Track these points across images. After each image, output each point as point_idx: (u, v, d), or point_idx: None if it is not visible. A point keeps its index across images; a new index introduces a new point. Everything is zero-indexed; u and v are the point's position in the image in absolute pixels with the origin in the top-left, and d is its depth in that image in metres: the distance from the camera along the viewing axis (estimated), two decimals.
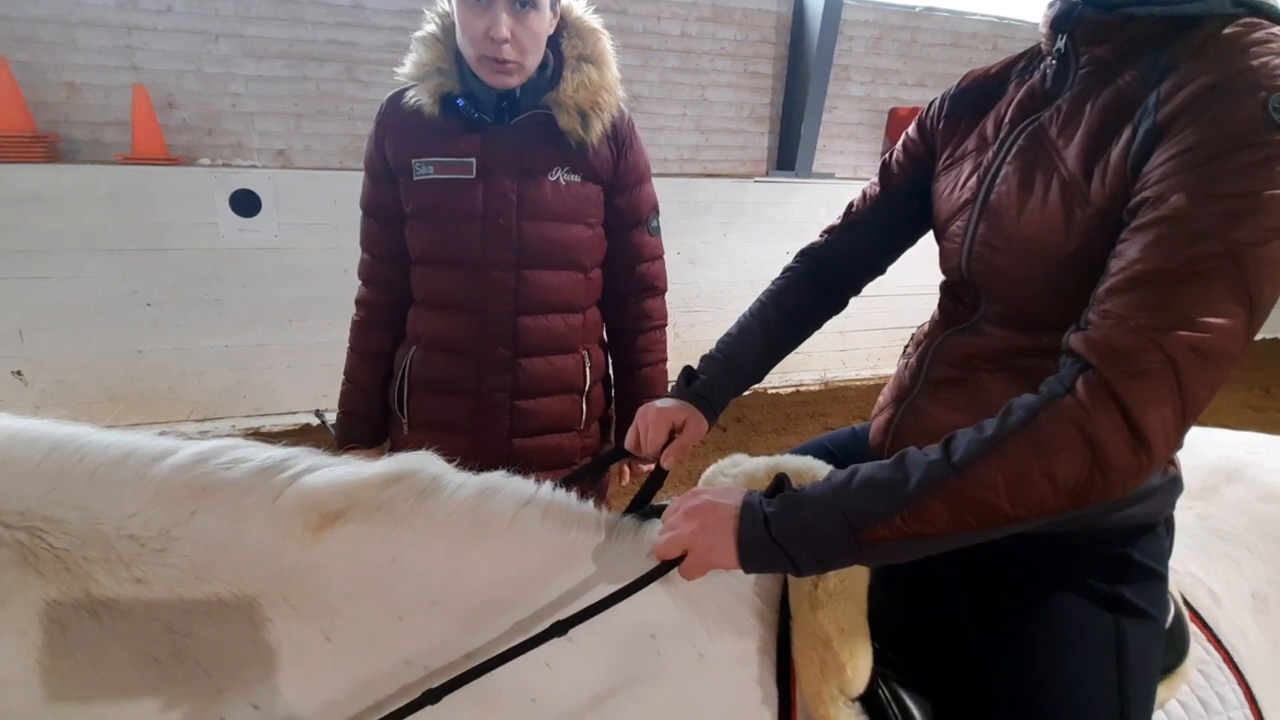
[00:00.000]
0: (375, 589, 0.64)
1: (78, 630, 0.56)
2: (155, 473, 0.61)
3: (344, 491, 0.65)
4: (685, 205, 4.25)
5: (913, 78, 5.47)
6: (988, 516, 0.61)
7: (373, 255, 1.39)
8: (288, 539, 0.62)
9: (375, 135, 1.30)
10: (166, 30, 3.65)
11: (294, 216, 3.53)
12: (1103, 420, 0.58)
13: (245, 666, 0.60)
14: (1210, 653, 0.91)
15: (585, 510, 0.77)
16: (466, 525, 0.69)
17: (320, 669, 0.62)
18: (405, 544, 0.66)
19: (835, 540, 0.64)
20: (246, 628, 0.60)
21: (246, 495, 0.63)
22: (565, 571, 0.72)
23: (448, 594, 0.66)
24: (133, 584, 0.58)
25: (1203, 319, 0.58)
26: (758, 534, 0.67)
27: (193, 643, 0.59)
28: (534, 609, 0.70)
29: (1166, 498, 0.82)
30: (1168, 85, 0.64)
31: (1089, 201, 0.69)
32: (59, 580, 0.56)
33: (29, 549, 0.56)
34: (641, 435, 0.92)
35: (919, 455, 0.65)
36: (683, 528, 0.70)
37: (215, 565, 0.60)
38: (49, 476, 0.58)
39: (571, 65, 1.24)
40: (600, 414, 1.46)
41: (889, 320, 4.78)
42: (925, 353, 0.89)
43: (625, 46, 4.71)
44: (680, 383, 0.97)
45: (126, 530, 0.59)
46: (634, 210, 1.37)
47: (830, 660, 0.73)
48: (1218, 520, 1.06)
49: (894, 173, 0.98)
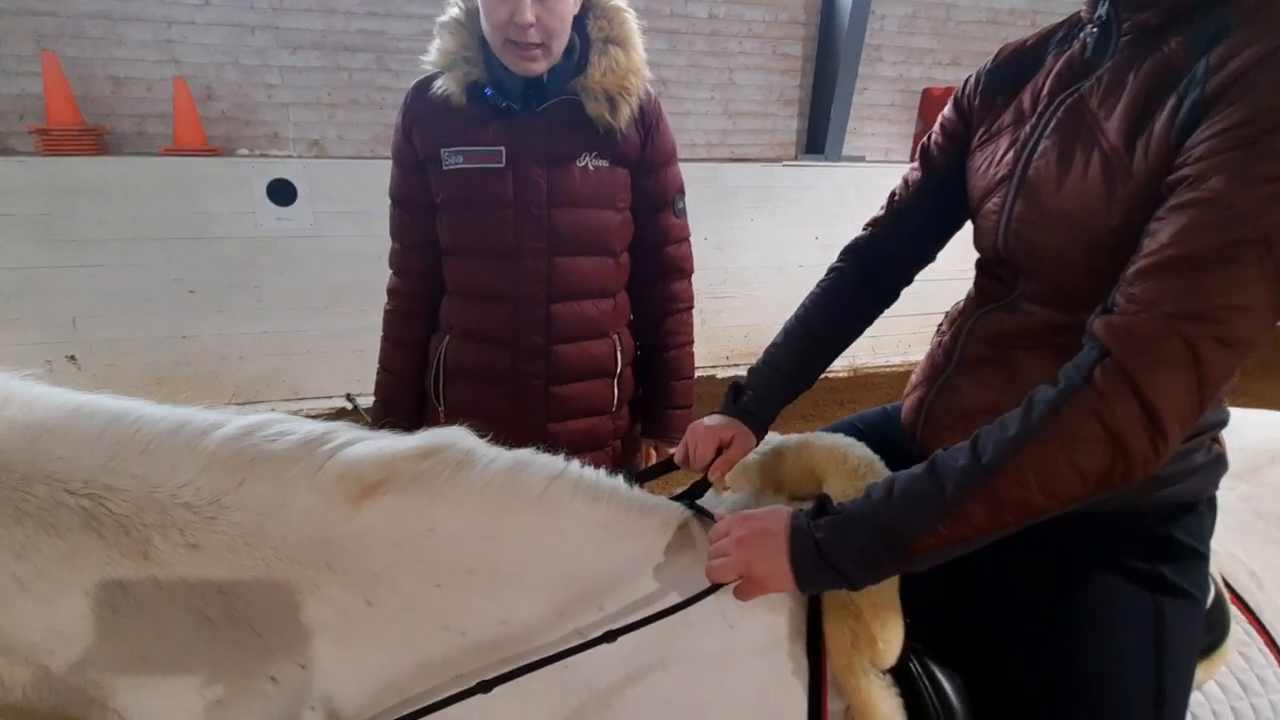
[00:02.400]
0: (413, 557, 0.67)
1: (137, 590, 0.60)
2: (205, 444, 0.65)
3: (383, 463, 0.68)
4: (713, 190, 4.22)
5: (947, 56, 5.33)
6: (1024, 511, 0.63)
7: (403, 245, 1.40)
8: (330, 508, 0.65)
9: (402, 125, 1.31)
10: (204, 24, 3.74)
11: (328, 205, 3.60)
12: (1122, 410, 0.59)
13: (292, 628, 0.63)
14: (1251, 635, 0.90)
15: (614, 485, 0.79)
16: (499, 497, 0.71)
17: (363, 632, 0.65)
18: (441, 514, 0.69)
19: (885, 556, 0.67)
20: (293, 592, 0.63)
21: (291, 466, 0.66)
22: (594, 545, 0.74)
23: (482, 563, 0.69)
24: (187, 549, 0.61)
25: (1229, 307, 0.57)
26: (811, 558, 0.69)
27: (243, 604, 0.62)
28: (562, 579, 0.72)
29: (1209, 476, 0.80)
30: (1218, 52, 0.62)
31: (1131, 175, 0.67)
32: (119, 544, 0.60)
33: (92, 514, 0.59)
34: (691, 451, 0.94)
35: (949, 461, 0.66)
36: (737, 554, 0.72)
37: (263, 532, 0.63)
38: (108, 447, 0.62)
39: (598, 48, 1.23)
40: (630, 396, 1.47)
41: (920, 306, 4.65)
42: (959, 331, 0.88)
43: (652, 30, 4.63)
44: (728, 398, 0.98)
45: (180, 498, 0.62)
46: (661, 192, 1.37)
47: (862, 632, 0.74)
48: (1260, 501, 1.04)
49: (934, 155, 0.96)
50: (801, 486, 0.89)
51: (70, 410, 0.64)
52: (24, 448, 0.60)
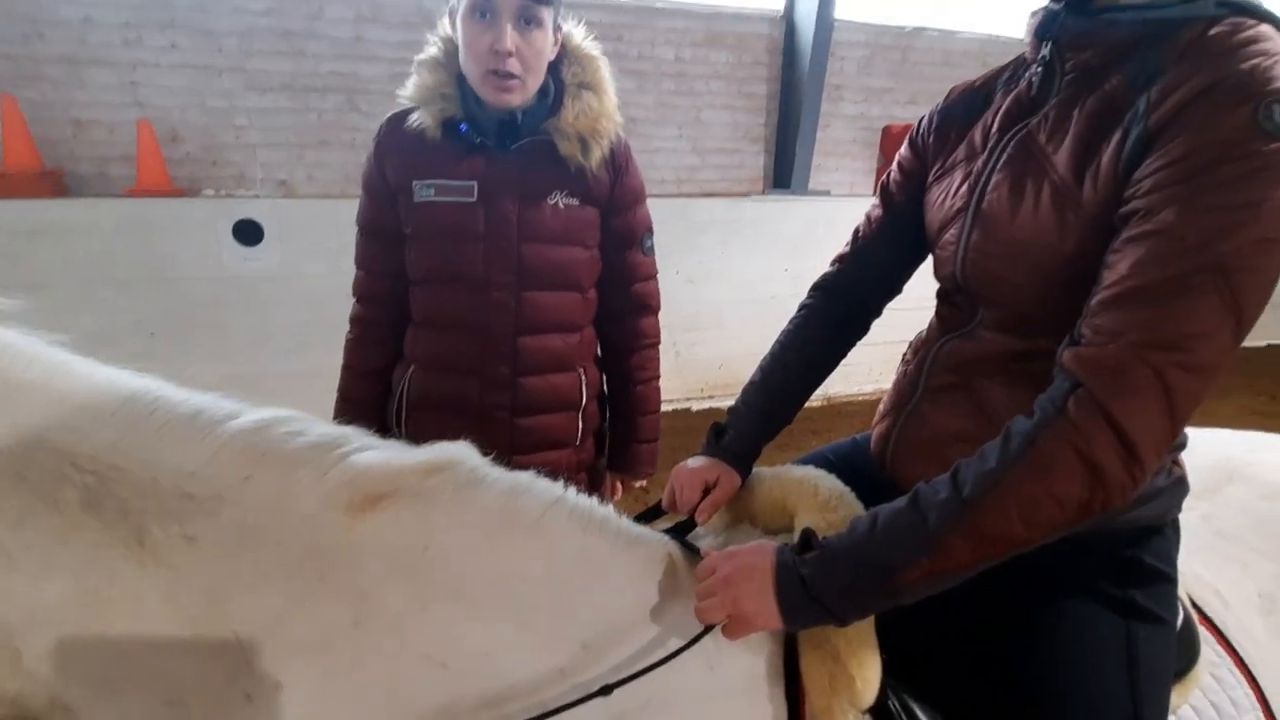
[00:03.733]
0: (404, 576, 0.64)
1: (124, 578, 0.57)
2: (218, 434, 0.62)
3: (388, 476, 0.66)
4: (683, 225, 4.28)
5: (905, 96, 5.55)
6: (1006, 543, 0.64)
7: (369, 271, 1.40)
8: (330, 517, 0.63)
9: (375, 155, 1.32)
10: (171, 66, 3.73)
11: (296, 244, 3.57)
12: (1097, 439, 0.60)
13: (274, 640, 0.59)
14: (1221, 655, 0.91)
15: (606, 514, 0.77)
16: (496, 520, 0.69)
17: (344, 656, 0.61)
18: (438, 533, 0.66)
19: (871, 591, 0.67)
20: (281, 600, 0.60)
21: (299, 468, 0.63)
22: (583, 576, 0.72)
23: (471, 586, 0.67)
24: (183, 541, 0.58)
25: (1191, 335, 0.59)
26: (798, 595, 0.69)
27: (230, 607, 0.59)
28: (549, 610, 0.70)
29: (1172, 499, 0.82)
30: (1157, 89, 0.64)
31: (1081, 205, 0.70)
32: (116, 527, 0.57)
33: (94, 493, 0.56)
34: (676, 494, 0.94)
35: (930, 493, 0.67)
36: (724, 593, 0.71)
37: (261, 534, 0.60)
38: (121, 425, 0.59)
39: (572, 92, 1.27)
40: (595, 429, 1.48)
41: (891, 334, 4.71)
42: (923, 360, 0.89)
43: (621, 71, 4.75)
44: (710, 439, 0.99)
45: (184, 488, 0.59)
46: (629, 231, 1.40)
47: (839, 674, 0.73)
48: (1221, 520, 1.06)
49: (893, 192, 0.99)
50: (773, 520, 0.89)
51: (90, 383, 0.61)
52: (38, 413, 0.57)
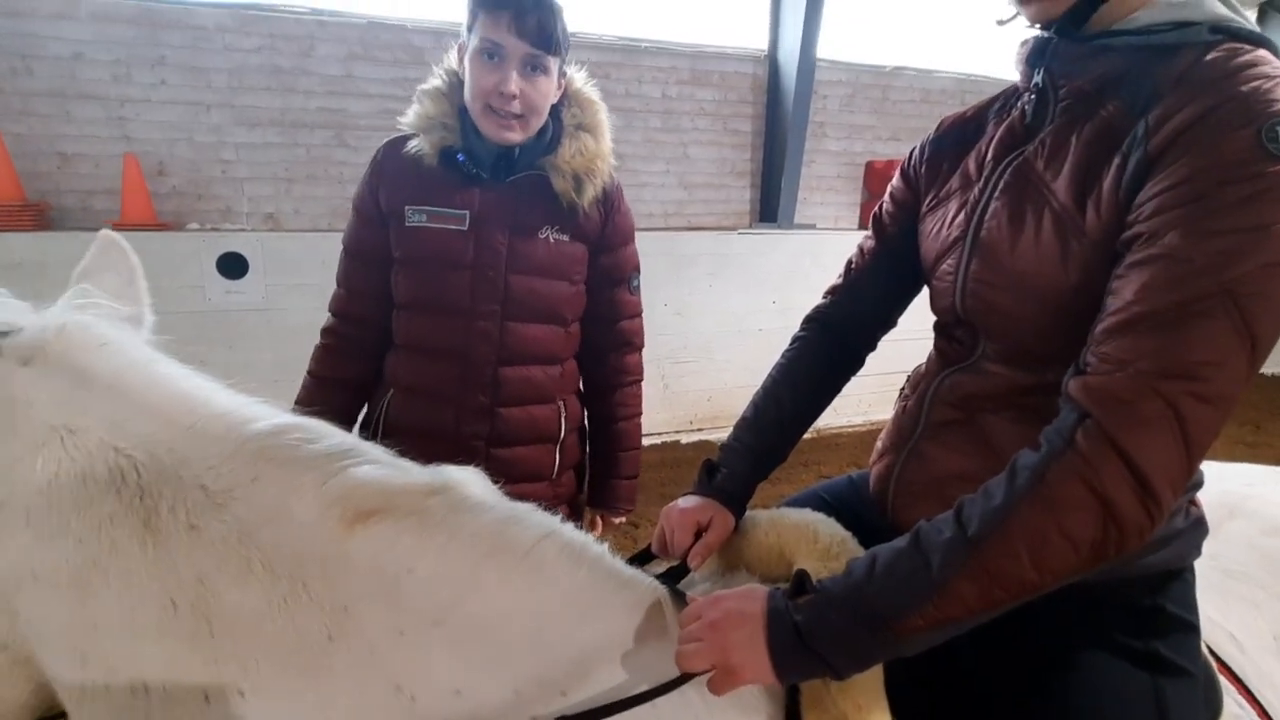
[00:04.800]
0: (387, 597, 0.63)
1: (125, 553, 0.60)
2: (239, 434, 0.65)
3: (385, 492, 0.66)
4: (671, 258, 4.30)
5: (886, 132, 5.68)
6: (1016, 587, 0.59)
7: (349, 290, 1.39)
8: (324, 526, 0.63)
9: (370, 178, 1.33)
10: (160, 101, 3.74)
11: (281, 278, 3.53)
12: (1108, 472, 0.57)
13: (249, 643, 0.60)
14: (1244, 707, 0.85)
15: (599, 553, 0.74)
16: (485, 547, 0.67)
17: (314, 672, 0.60)
18: (424, 556, 0.65)
19: (871, 640, 0.62)
20: (263, 601, 0.60)
21: (304, 474, 0.65)
22: (566, 616, 0.69)
23: (451, 616, 0.64)
24: (186, 529, 0.61)
25: (1202, 362, 0.56)
26: (790, 644, 0.64)
27: (215, 602, 0.60)
28: (528, 649, 0.67)
29: (1192, 541, 0.77)
30: (1155, 114, 0.63)
31: (1084, 233, 0.68)
32: (130, 505, 0.61)
33: (122, 474, 0.61)
34: (668, 537, 0.89)
35: (933, 534, 0.62)
36: (710, 640, 0.66)
37: (258, 534, 0.62)
38: (165, 419, 0.65)
39: (570, 133, 1.29)
40: (574, 463, 1.47)
41: (880, 366, 4.70)
42: (924, 394, 0.86)
43: (609, 109, 4.86)
44: (701, 478, 0.94)
45: (201, 480, 0.63)
46: (618, 269, 1.41)
47: None
48: (1225, 559, 1.03)
49: (886, 223, 0.98)
50: (770, 568, 0.84)
51: (153, 380, 0.68)
52: (103, 405, 0.64)
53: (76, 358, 0.66)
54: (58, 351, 0.65)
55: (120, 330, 0.71)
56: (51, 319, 0.68)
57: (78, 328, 0.68)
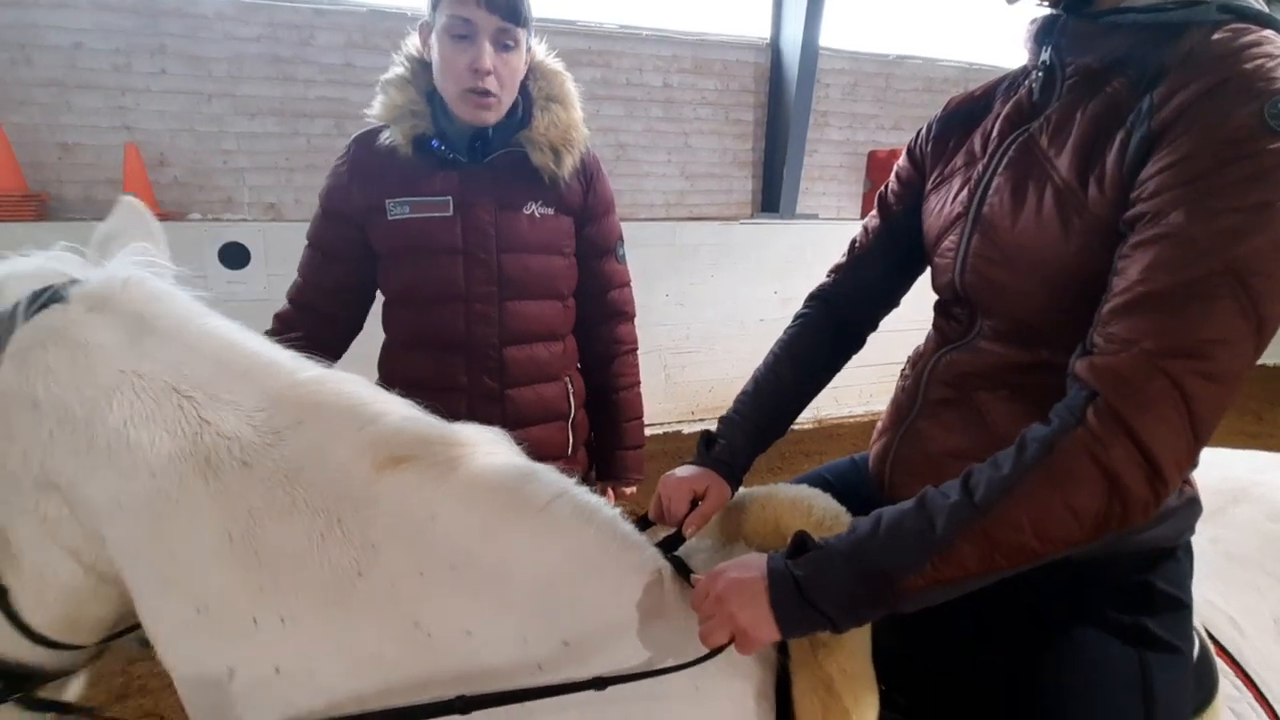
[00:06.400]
0: (411, 538, 0.68)
1: (191, 487, 0.66)
2: (286, 380, 0.72)
3: (415, 440, 0.71)
4: (673, 248, 4.29)
5: (889, 121, 5.65)
6: (1016, 555, 0.60)
7: (306, 281, 1.36)
8: (358, 468, 0.68)
9: (345, 174, 1.29)
10: (160, 91, 3.73)
11: (284, 268, 3.52)
12: (1117, 450, 0.57)
13: (289, 574, 0.65)
14: (1240, 689, 0.86)
15: (612, 515, 0.77)
16: (504, 500, 0.71)
17: (346, 605, 0.65)
18: (447, 504, 0.69)
19: (869, 596, 0.63)
20: (304, 536, 0.66)
21: (342, 418, 0.70)
22: (580, 572, 0.72)
23: (466, 561, 0.68)
24: (239, 465, 0.67)
25: (1208, 342, 0.56)
26: (791, 600, 0.65)
27: (262, 533, 0.65)
28: (537, 597, 0.70)
29: (1185, 520, 0.78)
30: (1160, 91, 0.63)
31: (1086, 208, 0.68)
32: (191, 444, 0.67)
33: (185, 414, 0.68)
34: (665, 505, 0.90)
35: (940, 498, 0.63)
36: (721, 611, 0.68)
37: (301, 472, 0.67)
38: (219, 365, 0.71)
39: (540, 105, 1.28)
40: (585, 439, 1.47)
41: (881, 356, 4.74)
42: (921, 373, 0.87)
43: (610, 98, 4.84)
44: (700, 448, 0.96)
45: (252, 420, 0.69)
46: (603, 238, 1.41)
47: (833, 705, 0.70)
48: (1229, 543, 1.03)
49: (891, 202, 0.98)
50: (767, 540, 0.86)
51: (208, 331, 0.73)
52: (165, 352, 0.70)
53: (141, 307, 0.71)
54: (124, 301, 0.71)
55: (173, 285, 0.76)
56: (117, 271, 0.73)
57: (139, 280, 0.73)
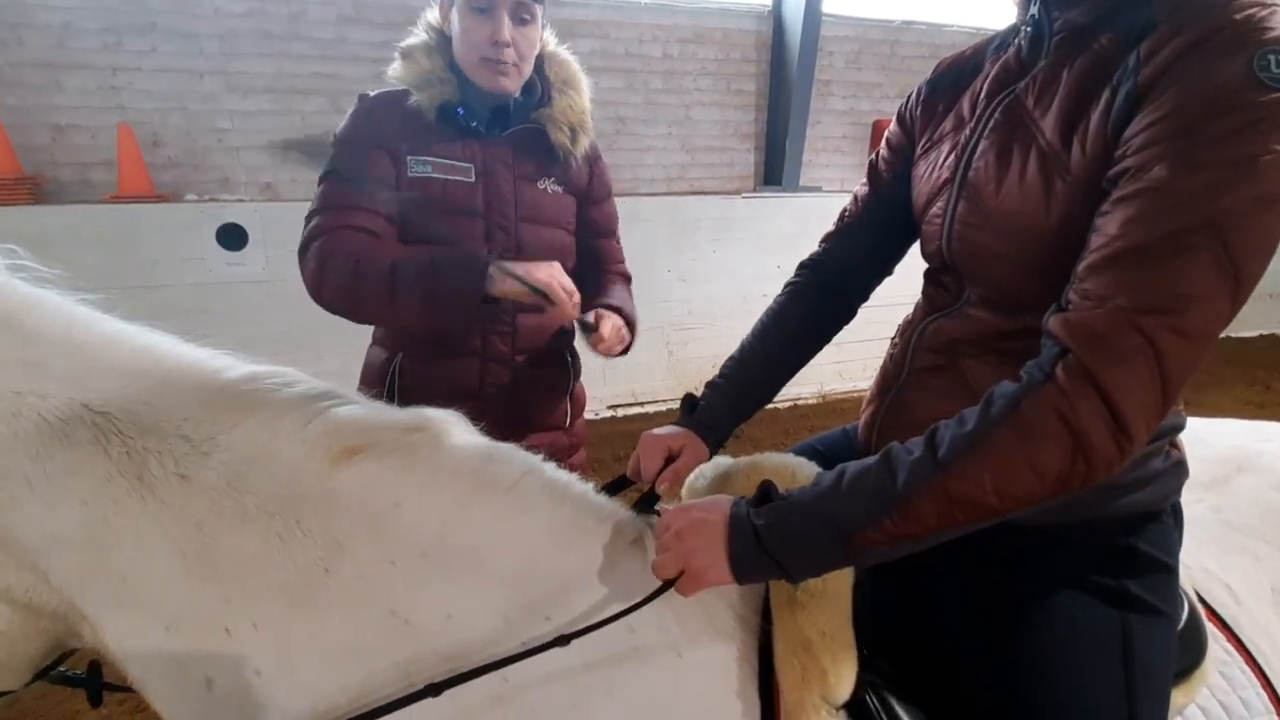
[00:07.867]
0: (375, 529, 0.66)
1: (127, 508, 0.62)
2: (212, 383, 0.68)
3: (367, 429, 0.69)
4: (674, 223, 4.24)
5: (894, 90, 5.53)
6: (975, 511, 0.60)
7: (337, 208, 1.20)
8: (310, 464, 0.66)
9: (369, 115, 1.24)
10: (152, 70, 3.67)
11: (282, 248, 3.51)
12: (1084, 407, 0.57)
13: (253, 580, 0.63)
14: (1231, 654, 0.86)
15: (583, 490, 0.78)
16: (469, 483, 0.70)
17: (316, 602, 0.64)
18: (410, 491, 0.68)
19: (826, 546, 0.64)
20: (261, 542, 0.64)
21: (283, 416, 0.67)
22: (550, 547, 0.72)
23: (438, 547, 0.68)
24: (177, 479, 0.63)
25: (1184, 296, 0.55)
26: (748, 546, 0.66)
27: (215, 545, 0.63)
28: (514, 578, 0.69)
29: (1170, 483, 0.78)
30: (1148, 45, 0.61)
31: (1069, 170, 0.66)
32: (121, 463, 0.63)
33: (104, 432, 0.63)
34: (641, 461, 0.91)
35: (903, 453, 0.63)
36: (677, 547, 0.68)
37: (247, 476, 0.64)
38: (130, 374, 0.66)
39: (558, 88, 1.34)
40: (581, 413, 1.54)
41: (885, 331, 4.67)
42: (909, 341, 0.86)
43: (609, 69, 4.75)
44: (683, 410, 0.97)
45: (181, 430, 0.65)
46: (606, 220, 1.48)
47: (811, 665, 0.70)
48: (1231, 512, 1.02)
49: (881, 170, 0.96)
50: None
51: (106, 337, 0.68)
52: (64, 365, 0.65)
53: (19, 320, 0.65)
54: None
55: (50, 290, 0.70)
56: None
57: (9, 289, 0.66)
